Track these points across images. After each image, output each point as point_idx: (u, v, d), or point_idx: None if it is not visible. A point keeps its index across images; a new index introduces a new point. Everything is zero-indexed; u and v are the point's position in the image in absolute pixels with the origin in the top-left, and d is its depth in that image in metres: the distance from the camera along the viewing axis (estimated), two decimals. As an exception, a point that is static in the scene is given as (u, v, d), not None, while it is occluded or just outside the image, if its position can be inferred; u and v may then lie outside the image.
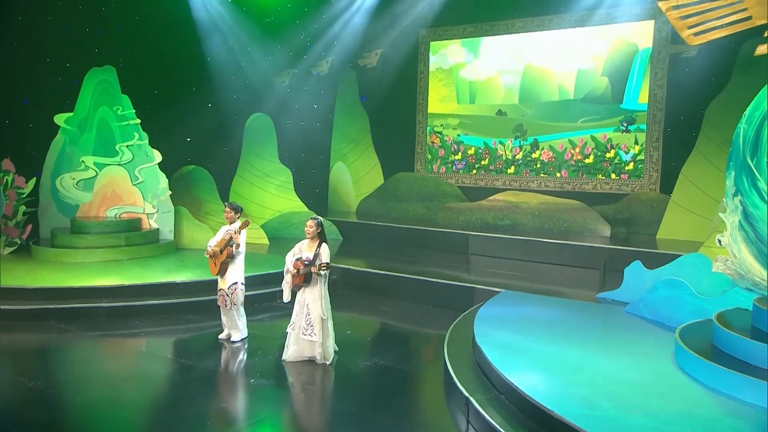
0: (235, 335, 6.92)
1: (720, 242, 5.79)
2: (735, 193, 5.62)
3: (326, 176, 14.93)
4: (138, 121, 10.99)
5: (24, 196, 10.25)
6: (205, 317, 7.68)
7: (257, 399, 5.69)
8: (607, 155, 11.96)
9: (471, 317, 6.90)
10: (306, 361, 6.21)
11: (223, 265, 6.72)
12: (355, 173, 14.74)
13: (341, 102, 14.86)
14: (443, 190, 13.56)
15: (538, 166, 12.71)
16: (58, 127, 10.79)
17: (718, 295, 6.39)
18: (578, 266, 9.93)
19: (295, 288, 6.22)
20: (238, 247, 6.72)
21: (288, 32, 13.37)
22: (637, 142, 11.65)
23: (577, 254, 10.13)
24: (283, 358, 6.26)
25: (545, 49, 12.54)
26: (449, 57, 13.81)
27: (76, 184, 10.85)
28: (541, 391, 4.66)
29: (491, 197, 12.62)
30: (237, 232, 6.69)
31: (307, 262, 6.10)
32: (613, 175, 11.93)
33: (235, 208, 6.89)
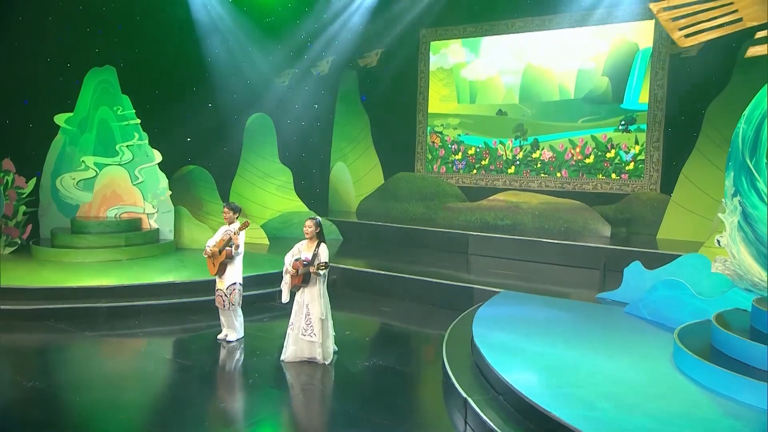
0: (231, 335, 6.92)
1: (719, 243, 5.78)
2: (734, 194, 5.60)
3: (327, 176, 14.93)
4: (138, 121, 11.00)
5: (24, 196, 10.27)
6: (205, 317, 7.68)
7: (256, 399, 5.70)
8: (608, 155, 11.95)
9: (470, 317, 6.90)
10: (305, 361, 6.21)
11: (222, 266, 6.71)
12: (356, 173, 14.75)
13: (342, 102, 14.86)
14: (443, 189, 13.55)
15: (539, 165, 12.70)
16: (59, 127, 10.80)
17: (718, 296, 6.37)
18: (578, 266, 9.92)
19: (294, 288, 6.22)
20: (238, 248, 6.71)
21: (288, 32, 13.38)
22: (637, 142, 11.63)
23: (578, 254, 10.11)
24: (281, 358, 6.27)
25: (546, 49, 12.53)
26: (450, 57, 13.81)
27: (77, 184, 10.86)
28: (539, 392, 4.65)
29: (491, 197, 12.61)
30: (236, 233, 6.69)
31: (306, 263, 6.11)
32: (614, 175, 11.92)
33: (234, 209, 6.88)
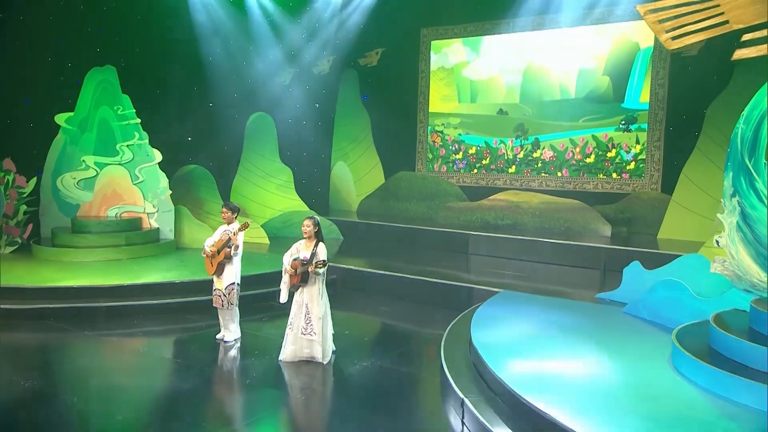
0: (228, 336, 6.92)
1: (718, 243, 5.76)
2: (733, 194, 5.58)
3: (327, 175, 14.93)
4: (138, 120, 11.01)
5: (25, 195, 10.29)
6: (204, 317, 7.68)
7: (254, 399, 5.70)
8: (609, 155, 11.93)
9: (469, 317, 6.89)
10: (303, 360, 6.21)
11: (220, 266, 6.70)
12: (356, 172, 14.74)
13: (342, 101, 14.87)
14: (444, 189, 13.54)
15: (539, 165, 12.68)
16: (59, 126, 10.83)
17: (717, 297, 6.36)
18: (579, 266, 9.91)
19: (293, 288, 6.23)
20: (237, 249, 6.70)
21: (288, 32, 13.38)
22: (638, 142, 11.61)
23: (578, 254, 10.10)
24: (280, 358, 6.27)
25: (546, 48, 12.50)
26: (451, 56, 13.79)
27: (77, 183, 10.88)
28: (536, 392, 4.64)
29: (492, 197, 12.60)
30: (235, 234, 6.68)
31: (305, 262, 6.11)
32: (614, 175, 11.89)
33: (233, 209, 6.88)
